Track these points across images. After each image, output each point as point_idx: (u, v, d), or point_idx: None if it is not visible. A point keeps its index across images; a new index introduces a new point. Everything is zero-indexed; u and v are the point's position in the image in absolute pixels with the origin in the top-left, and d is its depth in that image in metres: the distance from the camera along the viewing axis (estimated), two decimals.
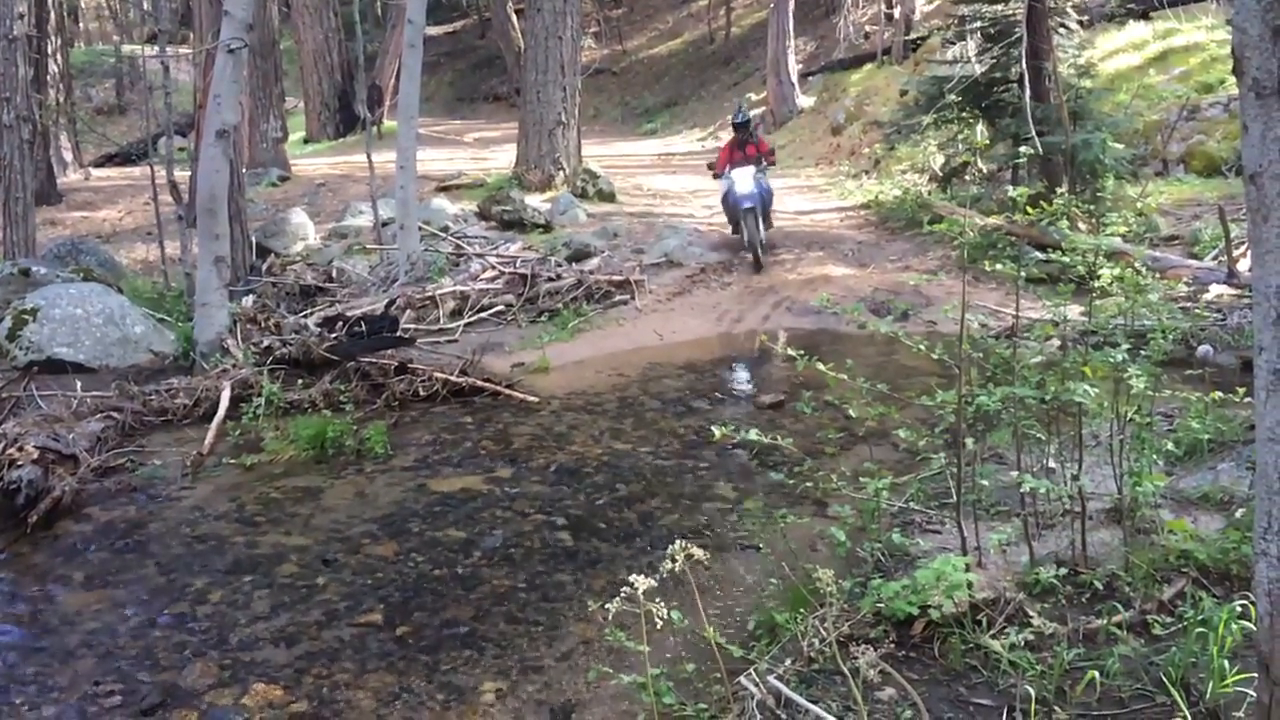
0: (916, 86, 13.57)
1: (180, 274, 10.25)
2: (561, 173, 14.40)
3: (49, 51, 17.21)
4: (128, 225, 14.82)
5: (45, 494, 5.38)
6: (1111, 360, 3.90)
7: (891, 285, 9.33)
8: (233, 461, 6.34)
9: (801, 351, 4.15)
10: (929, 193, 12.79)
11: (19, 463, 5.50)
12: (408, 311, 8.95)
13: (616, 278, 9.93)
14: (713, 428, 3.89)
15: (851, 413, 4.11)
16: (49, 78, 17.16)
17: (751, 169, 10.68)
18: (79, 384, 7.37)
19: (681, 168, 17.74)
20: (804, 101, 20.53)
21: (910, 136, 12.97)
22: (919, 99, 12.59)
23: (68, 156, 19.03)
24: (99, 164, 20.91)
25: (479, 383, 7.46)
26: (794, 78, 20.71)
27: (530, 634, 4.24)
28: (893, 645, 3.35)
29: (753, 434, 3.85)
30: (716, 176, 11.16)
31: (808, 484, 4.10)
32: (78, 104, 22.32)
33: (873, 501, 3.99)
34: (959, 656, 3.44)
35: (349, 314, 8.64)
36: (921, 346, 4.00)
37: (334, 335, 8.12)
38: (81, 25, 33.83)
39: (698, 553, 2.98)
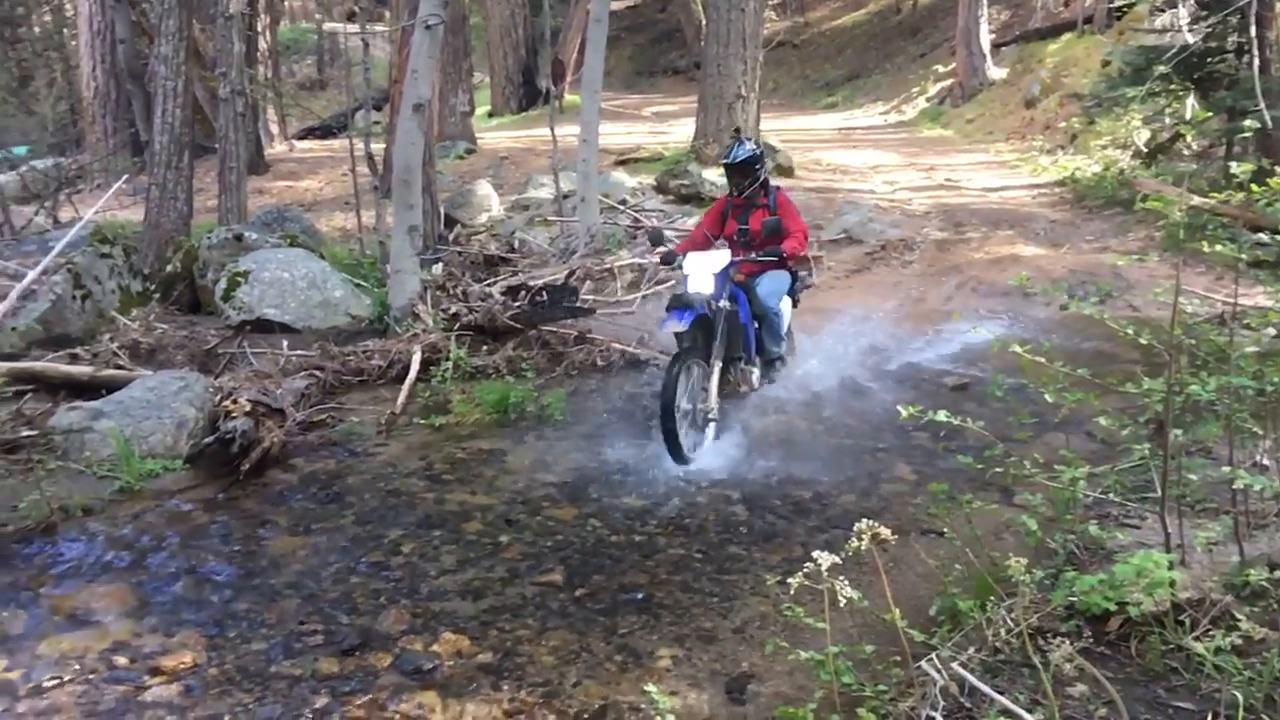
0: (1121, 57, 12.82)
1: (375, 242, 10.74)
2: None
3: (259, 29, 18.29)
4: (327, 195, 15.63)
5: (256, 444, 5.77)
6: None
7: (1088, 266, 8.88)
8: (422, 421, 6.63)
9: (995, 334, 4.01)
10: (1132, 169, 12.09)
11: (234, 414, 5.92)
12: (587, 282, 9.12)
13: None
14: (899, 407, 3.81)
15: (1047, 397, 3.94)
16: (259, 54, 18.25)
17: (721, 257, 6.01)
18: (285, 343, 7.86)
19: (862, 142, 17.37)
20: (995, 73, 19.70)
21: (1112, 110, 12.27)
22: (1123, 70, 11.89)
23: (274, 129, 20.21)
24: (301, 137, 22.12)
25: (656, 354, 7.54)
26: (986, 48, 19.89)
27: (706, 604, 4.28)
28: (1090, 640, 3.21)
29: (940, 415, 3.75)
30: (666, 263, 6.68)
31: (997, 470, 3.97)
32: (283, 79, 23.66)
33: (1068, 490, 3.82)
34: (1158, 657, 3.27)
35: (531, 284, 8.87)
36: (1129, 330, 3.79)
37: (517, 304, 8.36)
38: (286, 4, 35.77)
39: (884, 532, 2.94)
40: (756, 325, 6.41)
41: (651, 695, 2.82)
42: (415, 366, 7.30)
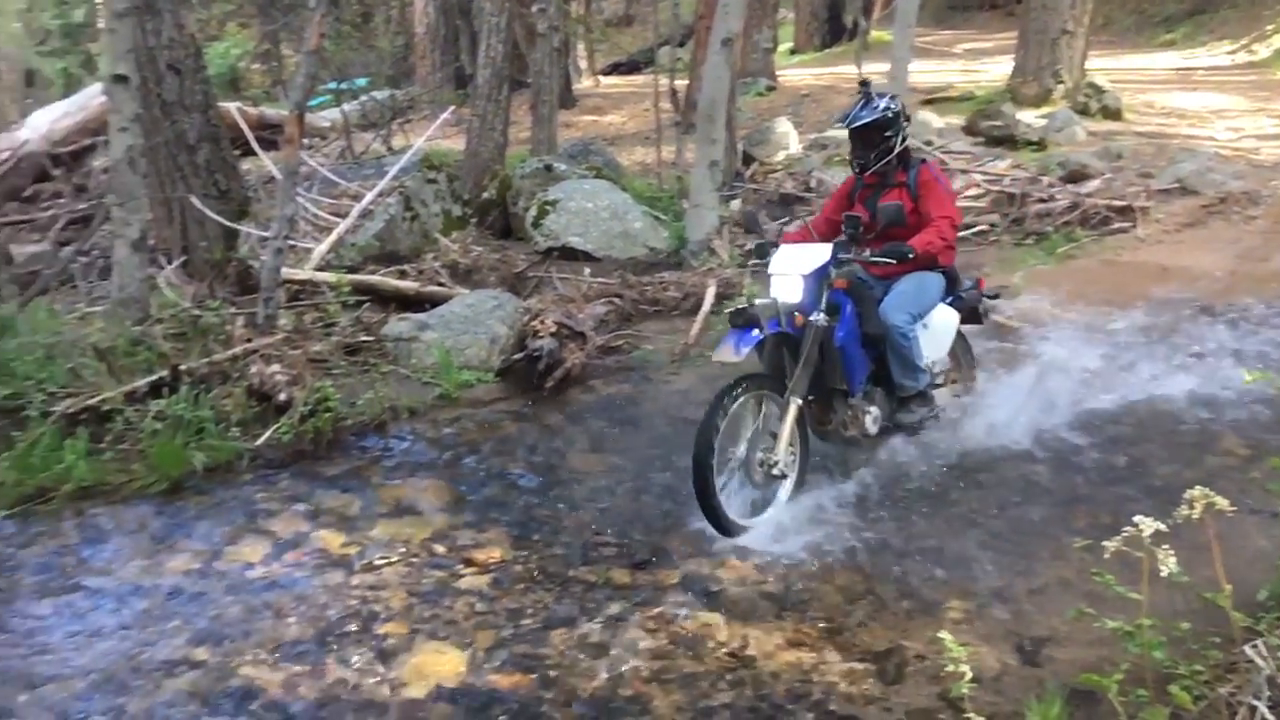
0: None
1: (673, 176, 10.95)
2: (1061, 86, 13.37)
3: None
4: (629, 130, 16.05)
5: (559, 364, 6.09)
6: None
7: None
8: (713, 354, 6.72)
9: None
10: None
11: (540, 334, 6.27)
12: None
13: (1117, 203, 9.08)
14: (1243, 371, 3.46)
15: None
16: None
17: (815, 254, 4.52)
18: (587, 270, 8.21)
19: (1203, 84, 15.70)
20: None
21: None
22: None
23: (582, 64, 20.92)
24: (606, 72, 22.74)
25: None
26: None
27: (1000, 562, 4.13)
28: None
29: None
30: (759, 258, 4.92)
31: None
32: (592, 15, 24.37)
33: None
34: None
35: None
36: None
37: None
38: None
39: (1221, 503, 2.70)
40: (879, 349, 4.77)
41: (946, 643, 2.76)
42: (709, 300, 7.40)
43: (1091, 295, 7.33)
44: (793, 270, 4.49)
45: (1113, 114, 12.91)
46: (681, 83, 14.13)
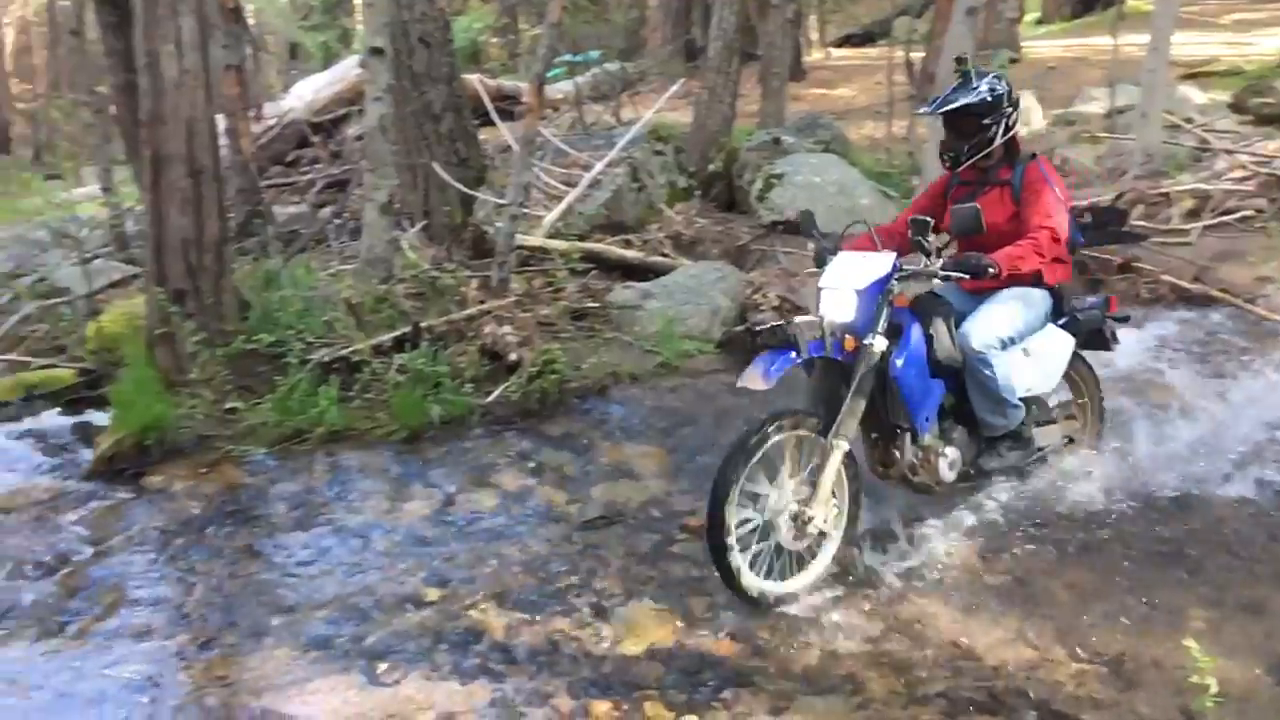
0: None
1: (903, 152, 10.61)
2: None
3: None
4: (859, 103, 15.68)
5: None
6: None
7: None
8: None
9: None
10: None
11: (762, 308, 6.27)
12: (1138, 207, 8.30)
13: None
14: None
15: None
16: None
17: (875, 265, 3.82)
18: (810, 245, 8.08)
19: None
20: None
21: None
22: None
23: (813, 36, 20.60)
24: (837, 44, 22.30)
25: (1214, 292, 6.72)
26: None
27: (1253, 572, 3.82)
28: None
29: None
30: (818, 264, 4.42)
31: None
32: None
33: None
34: None
35: (1074, 204, 8.25)
36: None
37: None
38: None
39: None
40: (952, 380, 4.04)
41: (1191, 652, 2.58)
42: None
43: None
44: (845, 284, 3.76)
45: None
46: (917, 54, 13.67)
